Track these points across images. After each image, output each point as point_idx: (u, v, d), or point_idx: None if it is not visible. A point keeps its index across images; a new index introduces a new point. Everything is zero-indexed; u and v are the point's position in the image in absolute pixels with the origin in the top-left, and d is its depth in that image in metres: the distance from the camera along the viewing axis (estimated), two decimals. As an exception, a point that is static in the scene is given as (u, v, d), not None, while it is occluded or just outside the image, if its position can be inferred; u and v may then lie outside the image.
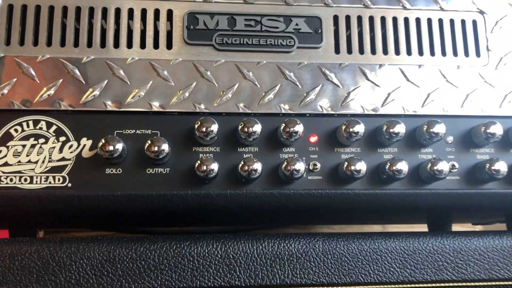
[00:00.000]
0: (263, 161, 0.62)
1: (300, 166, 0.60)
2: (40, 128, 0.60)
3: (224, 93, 0.63)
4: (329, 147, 0.64)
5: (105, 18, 0.64)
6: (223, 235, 0.60)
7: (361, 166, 0.61)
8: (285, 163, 0.60)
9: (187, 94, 0.63)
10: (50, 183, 0.59)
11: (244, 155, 0.62)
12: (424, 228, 0.84)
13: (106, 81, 0.62)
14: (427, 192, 0.64)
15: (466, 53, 0.69)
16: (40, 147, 0.60)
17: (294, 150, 0.63)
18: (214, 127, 0.59)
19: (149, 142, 0.58)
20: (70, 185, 0.59)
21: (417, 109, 0.66)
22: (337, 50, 0.67)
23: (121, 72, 0.62)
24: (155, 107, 0.62)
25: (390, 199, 0.64)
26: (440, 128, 0.63)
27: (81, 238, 0.58)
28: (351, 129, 0.61)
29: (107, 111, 0.61)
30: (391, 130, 0.62)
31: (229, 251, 0.57)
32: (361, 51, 0.67)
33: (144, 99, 0.62)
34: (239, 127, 0.60)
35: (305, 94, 0.65)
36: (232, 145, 0.63)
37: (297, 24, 0.66)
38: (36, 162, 0.59)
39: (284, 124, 0.61)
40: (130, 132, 0.61)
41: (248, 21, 0.66)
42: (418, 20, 0.69)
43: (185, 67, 0.63)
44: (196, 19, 0.65)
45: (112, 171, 0.60)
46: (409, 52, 0.68)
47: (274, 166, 0.63)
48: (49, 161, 0.60)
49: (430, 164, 0.62)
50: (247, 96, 0.64)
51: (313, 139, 0.64)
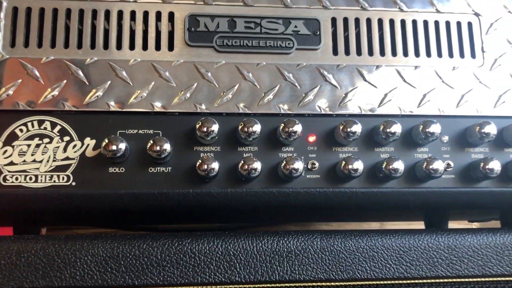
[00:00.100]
0: (263, 160, 0.62)
1: (299, 165, 0.60)
2: (45, 128, 0.61)
3: (224, 93, 0.64)
4: (327, 147, 0.65)
5: (108, 20, 0.65)
6: (223, 233, 0.60)
7: (359, 165, 0.62)
8: (284, 162, 0.61)
9: (188, 95, 0.64)
10: (54, 181, 0.60)
11: (244, 154, 0.63)
12: (421, 226, 0.85)
13: (109, 82, 0.63)
14: (422, 190, 0.65)
15: (462, 55, 0.70)
16: (45, 147, 0.61)
17: (293, 150, 0.64)
18: (215, 127, 0.60)
19: (151, 141, 0.59)
20: (74, 183, 0.60)
21: (413, 109, 0.67)
22: (335, 52, 0.68)
23: (124, 73, 0.63)
24: (157, 107, 0.63)
25: (387, 197, 0.65)
26: (435, 128, 0.63)
27: (85, 235, 0.59)
28: (348, 129, 0.62)
29: (110, 112, 0.62)
30: (388, 130, 0.63)
31: (229, 248, 0.58)
32: (359, 52, 0.68)
33: (146, 99, 0.63)
34: (239, 127, 0.61)
35: (303, 95, 0.65)
36: (232, 145, 0.63)
37: (296, 26, 0.67)
38: (41, 161, 0.60)
39: (283, 124, 0.61)
40: (133, 132, 0.62)
41: (248, 23, 0.66)
42: (414, 22, 0.70)
43: (186, 68, 0.64)
44: (197, 21, 0.66)
45: (115, 170, 0.61)
46: (406, 53, 0.69)
47: (274, 165, 0.63)
48: (54, 160, 0.60)
49: (425, 163, 0.63)
50: (247, 97, 0.64)
51: (312, 138, 0.65)
